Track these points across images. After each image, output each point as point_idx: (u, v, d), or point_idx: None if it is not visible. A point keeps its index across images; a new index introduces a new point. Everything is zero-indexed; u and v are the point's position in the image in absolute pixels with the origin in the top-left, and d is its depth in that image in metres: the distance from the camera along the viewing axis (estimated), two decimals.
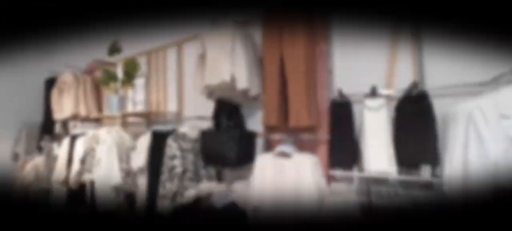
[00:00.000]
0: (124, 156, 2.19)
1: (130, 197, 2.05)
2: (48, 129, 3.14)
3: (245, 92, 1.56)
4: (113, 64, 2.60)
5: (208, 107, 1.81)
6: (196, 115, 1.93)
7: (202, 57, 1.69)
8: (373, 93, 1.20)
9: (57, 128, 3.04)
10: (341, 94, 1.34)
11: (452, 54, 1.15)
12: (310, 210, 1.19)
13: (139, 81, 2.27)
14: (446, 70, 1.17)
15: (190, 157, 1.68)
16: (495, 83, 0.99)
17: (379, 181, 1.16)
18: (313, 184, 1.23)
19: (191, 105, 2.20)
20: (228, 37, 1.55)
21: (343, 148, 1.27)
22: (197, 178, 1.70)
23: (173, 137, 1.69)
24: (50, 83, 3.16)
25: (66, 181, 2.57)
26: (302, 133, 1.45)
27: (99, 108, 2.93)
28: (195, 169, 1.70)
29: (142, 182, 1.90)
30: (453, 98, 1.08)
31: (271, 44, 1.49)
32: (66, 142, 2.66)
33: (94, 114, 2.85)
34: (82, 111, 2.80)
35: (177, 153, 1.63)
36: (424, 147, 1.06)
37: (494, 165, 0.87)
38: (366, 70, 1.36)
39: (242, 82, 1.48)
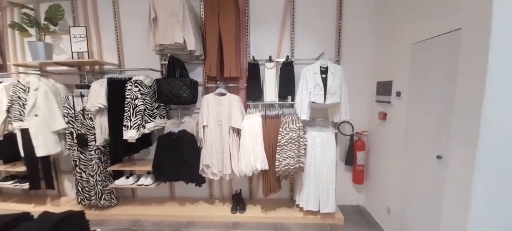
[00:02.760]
0: (64, 102, 2.37)
1: (80, 137, 2.36)
2: None
3: (191, 53, 2.26)
4: (17, 5, 2.35)
5: (146, 62, 2.37)
6: (136, 67, 2.40)
7: (154, 20, 2.17)
8: (270, 59, 2.28)
9: None
10: (253, 59, 2.35)
11: (306, 41, 2.37)
12: (238, 124, 2.22)
13: (77, 31, 2.33)
14: (303, 50, 2.39)
15: (148, 99, 2.26)
16: (318, 58, 2.28)
17: (271, 105, 2.33)
18: (239, 110, 2.25)
19: (131, 59, 2.55)
20: (179, 7, 2.12)
21: (254, 90, 2.33)
22: (153, 115, 2.33)
23: (132, 83, 2.18)
24: None
25: None
26: (230, 81, 2.39)
27: (1, 55, 2.58)
28: (151, 108, 2.31)
29: (99, 121, 2.28)
30: (303, 64, 2.32)
31: (212, 18, 2.21)
32: None
33: None
34: None
35: (139, 95, 2.18)
36: (289, 88, 2.28)
37: (309, 94, 2.18)
38: (267, 44, 2.40)
39: (191, 45, 2.16)
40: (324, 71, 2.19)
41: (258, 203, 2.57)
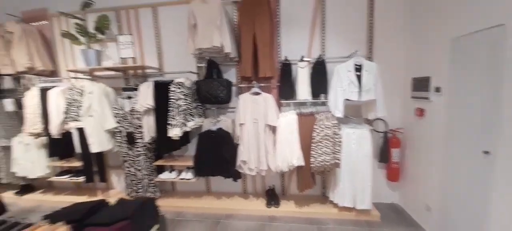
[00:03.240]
0: (114, 103, 2.63)
1: (129, 135, 2.61)
2: None
3: (226, 55, 2.39)
4: (67, 15, 2.63)
5: (184, 65, 2.55)
6: (175, 71, 2.59)
7: (193, 27, 2.33)
8: (302, 59, 2.35)
9: (6, 83, 2.81)
10: (286, 59, 2.43)
11: (337, 39, 2.41)
12: (273, 122, 2.33)
13: (124, 38, 2.57)
14: (334, 48, 2.43)
15: (188, 99, 2.44)
16: (351, 56, 2.31)
17: (303, 103, 2.40)
18: (274, 108, 2.36)
19: (170, 63, 2.75)
20: (216, 13, 2.27)
21: (286, 88, 2.42)
22: (193, 114, 2.50)
23: (175, 85, 2.37)
24: None
25: (42, 132, 2.73)
26: (263, 81, 2.50)
27: (53, 61, 2.91)
28: (191, 108, 2.49)
29: (146, 120, 2.51)
30: (334, 63, 2.36)
31: (246, 22, 2.33)
32: (33, 95, 2.69)
33: (50, 68, 2.86)
34: (38, 65, 2.76)
35: (181, 96, 2.36)
36: (322, 86, 2.34)
37: (343, 91, 2.22)
38: (298, 44, 2.47)
39: (228, 48, 2.30)
40: (358, 68, 2.22)
41: (291, 199, 2.67)
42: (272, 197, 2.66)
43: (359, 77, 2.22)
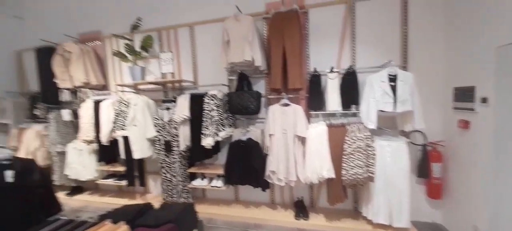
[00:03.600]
0: (155, 114, 2.89)
1: (167, 143, 2.83)
2: (47, 97, 3.33)
3: (256, 68, 2.51)
4: (118, 36, 2.99)
5: (216, 78, 2.72)
6: (208, 84, 2.78)
7: (227, 43, 2.50)
8: (331, 70, 2.37)
9: (64, 96, 3.28)
10: (315, 70, 2.46)
11: (368, 50, 2.39)
12: (303, 133, 2.35)
13: (165, 55, 2.86)
14: (364, 58, 2.40)
15: (220, 110, 2.59)
16: (383, 66, 2.26)
17: (332, 114, 2.39)
18: (303, 119, 2.38)
19: (204, 76, 2.96)
20: (248, 30, 2.41)
21: (316, 100, 2.43)
22: (224, 125, 2.64)
23: (209, 97, 2.54)
24: (44, 52, 3.25)
25: (93, 139, 3.09)
26: (292, 92, 2.55)
27: (104, 77, 3.32)
28: (223, 119, 2.63)
29: (182, 130, 2.71)
30: (366, 73, 2.32)
31: (276, 36, 2.43)
32: (88, 107, 3.08)
33: (102, 82, 3.26)
34: (93, 81, 3.17)
35: (214, 107, 2.52)
36: (353, 97, 2.31)
37: (376, 102, 2.16)
38: (327, 56, 2.50)
39: (258, 61, 2.42)
40: (392, 78, 2.16)
41: (321, 212, 2.61)
42: (300, 209, 2.63)
43: (393, 88, 2.16)
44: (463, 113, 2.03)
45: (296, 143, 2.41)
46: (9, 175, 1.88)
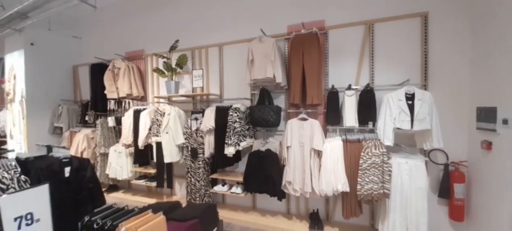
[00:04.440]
0: (185, 123, 3.22)
1: (193, 150, 3.12)
2: (97, 105, 3.89)
3: (277, 84, 2.72)
4: (159, 55, 3.44)
5: (239, 93, 2.99)
6: (232, 97, 3.06)
7: (251, 62, 2.78)
8: (349, 87, 2.49)
9: (110, 105, 3.80)
10: (333, 87, 2.61)
11: (387, 68, 2.48)
12: (319, 147, 2.48)
13: (197, 72, 3.24)
14: (382, 77, 2.49)
15: (242, 122, 2.82)
16: (402, 85, 2.33)
17: (349, 129, 2.48)
18: (320, 134, 2.51)
19: (228, 91, 3.26)
20: (271, 50, 2.66)
21: (333, 115, 2.56)
22: (245, 135, 2.86)
23: (232, 110, 2.81)
24: (96, 67, 3.85)
25: (131, 144, 3.51)
26: (310, 107, 2.70)
27: (144, 89, 3.80)
28: (244, 130, 2.86)
29: (208, 139, 2.99)
30: (384, 91, 2.40)
31: (296, 55, 2.64)
32: (129, 115, 3.53)
33: (142, 94, 3.73)
34: (135, 93, 3.64)
35: (237, 119, 2.77)
36: (370, 114, 2.39)
37: (393, 120, 2.23)
38: (345, 73, 2.63)
39: (279, 78, 2.63)
40: (410, 97, 2.22)
41: (336, 225, 2.65)
42: (315, 220, 2.70)
43: (411, 106, 2.21)
44: (486, 134, 2.00)
45: (312, 156, 2.53)
46: (67, 171, 2.29)
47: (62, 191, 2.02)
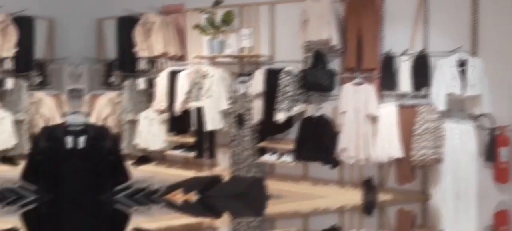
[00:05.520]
0: (229, 87, 5.85)
1: (239, 116, 5.73)
2: (125, 65, 6.68)
3: (332, 47, 5.16)
4: (202, 10, 6.04)
5: (292, 55, 5.51)
6: (284, 59, 5.60)
7: (305, 22, 5.24)
8: (404, 53, 4.85)
9: (141, 65, 6.56)
10: (388, 52, 5.00)
11: (441, 34, 4.81)
12: (374, 112, 4.91)
13: (246, 31, 5.82)
14: (436, 43, 4.80)
15: (294, 86, 5.33)
16: (454, 51, 4.62)
17: (403, 95, 4.87)
18: (375, 99, 4.94)
19: (279, 52, 5.78)
20: (326, 10, 5.10)
21: (388, 80, 4.96)
22: (297, 100, 5.36)
23: (284, 73, 5.33)
24: (125, 21, 6.60)
25: (166, 109, 6.25)
26: (365, 72, 5.12)
27: (182, 48, 6.50)
28: (296, 95, 5.36)
29: (256, 104, 5.57)
30: (437, 57, 4.70)
31: (353, 17, 5.06)
32: (164, 76, 6.25)
33: (180, 53, 6.43)
34: (171, 51, 6.34)
35: (289, 83, 5.30)
36: (423, 79, 4.76)
37: (446, 86, 4.57)
38: (400, 39, 4.99)
39: (334, 40, 5.08)
40: (461, 64, 4.53)
41: (389, 192, 5.11)
42: (369, 188, 5.18)
43: (462, 73, 4.52)
44: None
45: (367, 121, 4.97)
46: (82, 141, 3.82)
47: (77, 164, 3.79)
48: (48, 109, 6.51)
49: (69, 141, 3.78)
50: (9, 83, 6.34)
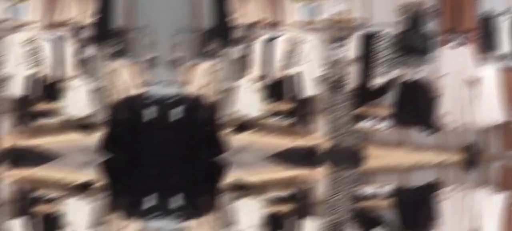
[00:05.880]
0: (325, 53, 7.18)
1: (335, 82, 7.04)
2: (221, 33, 8.33)
3: (429, 8, 6.17)
4: None
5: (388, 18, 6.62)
6: (380, 22, 6.73)
7: None
8: (504, 12, 5.71)
9: (239, 32, 8.15)
10: (487, 11, 5.88)
11: None
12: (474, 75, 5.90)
13: None
14: None
15: (392, 50, 6.47)
16: None
17: (503, 56, 5.76)
18: (473, 62, 5.91)
19: (374, 16, 6.91)
20: None
21: (487, 42, 5.87)
22: (394, 65, 6.50)
23: (380, 37, 6.51)
24: None
25: (263, 76, 7.80)
26: (464, 33, 6.05)
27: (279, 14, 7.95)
28: (393, 59, 6.50)
29: (352, 69, 6.85)
30: None
31: None
32: (260, 43, 7.79)
33: (276, 20, 7.89)
34: (267, 18, 7.82)
35: (386, 47, 6.46)
36: None
37: None
38: None
39: (431, 0, 6.09)
40: None
41: (492, 158, 6.08)
42: (471, 154, 6.20)
43: None
44: None
45: (467, 84, 5.96)
46: (176, 112, 5.52)
47: (170, 136, 5.14)
48: (126, 78, 7.33)
49: (152, 111, 4.86)
50: (88, 51, 7.16)
